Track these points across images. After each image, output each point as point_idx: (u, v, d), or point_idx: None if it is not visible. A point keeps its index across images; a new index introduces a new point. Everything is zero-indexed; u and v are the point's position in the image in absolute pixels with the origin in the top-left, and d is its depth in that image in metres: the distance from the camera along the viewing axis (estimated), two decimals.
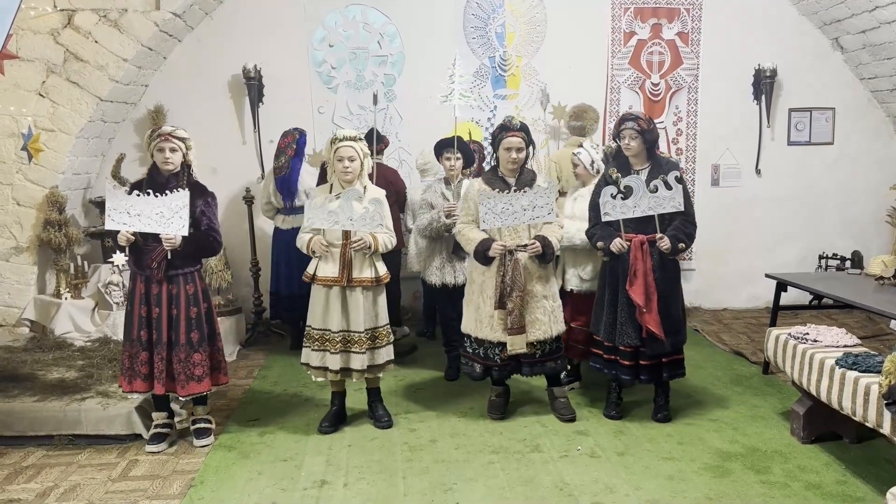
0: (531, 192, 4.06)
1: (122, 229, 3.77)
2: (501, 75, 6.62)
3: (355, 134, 4.10)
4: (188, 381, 3.89)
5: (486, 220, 4.08)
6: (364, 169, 4.09)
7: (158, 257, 3.81)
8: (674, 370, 4.22)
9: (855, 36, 6.32)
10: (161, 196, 3.77)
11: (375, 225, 3.92)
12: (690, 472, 3.63)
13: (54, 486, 3.60)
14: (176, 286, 3.89)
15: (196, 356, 3.91)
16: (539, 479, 3.57)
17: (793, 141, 6.88)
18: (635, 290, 4.00)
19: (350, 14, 6.44)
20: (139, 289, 3.88)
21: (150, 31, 5.61)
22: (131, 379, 3.90)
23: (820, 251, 6.59)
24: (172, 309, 3.88)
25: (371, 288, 4.08)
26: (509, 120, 4.24)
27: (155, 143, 3.85)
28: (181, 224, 3.77)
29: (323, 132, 6.44)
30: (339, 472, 3.70)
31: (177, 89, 6.30)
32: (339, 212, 3.89)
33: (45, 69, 5.51)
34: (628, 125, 4.09)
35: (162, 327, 3.86)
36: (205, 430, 4.06)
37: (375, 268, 4.08)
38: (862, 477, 3.52)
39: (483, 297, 4.22)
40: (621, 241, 4.03)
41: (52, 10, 5.43)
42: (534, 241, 4.10)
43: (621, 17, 6.61)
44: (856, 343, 3.92)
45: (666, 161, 4.24)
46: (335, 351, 4.04)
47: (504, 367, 4.23)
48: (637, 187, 3.99)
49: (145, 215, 3.75)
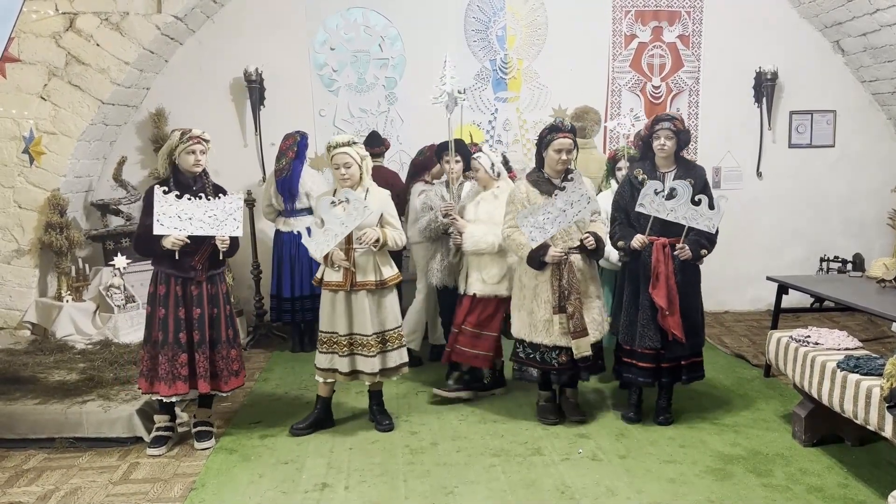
0: (562, 192, 4.01)
1: (173, 234, 3.78)
2: (502, 78, 6.63)
3: (349, 139, 4.09)
4: (230, 376, 4.01)
5: (535, 238, 4.00)
6: (364, 171, 4.09)
7: (202, 258, 3.88)
8: (693, 373, 4.20)
9: (856, 38, 6.32)
10: (212, 199, 3.86)
11: (362, 209, 3.86)
12: (692, 475, 3.62)
13: (55, 489, 3.60)
14: (214, 286, 3.98)
15: (233, 352, 4.05)
16: (540, 483, 3.56)
17: (794, 143, 6.88)
18: (658, 293, 3.98)
19: (351, 17, 6.45)
20: (175, 291, 3.88)
21: (152, 35, 5.62)
22: (172, 382, 3.87)
23: (821, 254, 6.58)
24: (213, 308, 3.96)
25: (375, 291, 4.07)
26: (560, 121, 4.17)
27: (187, 146, 3.87)
28: (235, 225, 3.89)
29: (324, 135, 6.44)
30: (341, 474, 3.70)
31: (178, 92, 6.31)
32: (330, 225, 3.90)
33: (46, 72, 5.52)
34: (664, 125, 4.02)
35: (205, 327, 3.92)
36: (206, 433, 4.07)
37: (380, 271, 4.08)
38: (864, 480, 3.51)
39: (537, 302, 4.15)
40: (643, 238, 4.00)
41: (53, 13, 5.44)
42: (587, 236, 4.07)
43: (622, 20, 6.62)
44: (857, 346, 3.92)
45: (693, 165, 4.18)
46: (343, 354, 4.06)
47: (562, 370, 4.17)
48: (682, 194, 3.93)
49: (197, 218, 3.82)
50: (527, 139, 6.68)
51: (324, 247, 3.94)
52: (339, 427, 4.30)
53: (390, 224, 4.13)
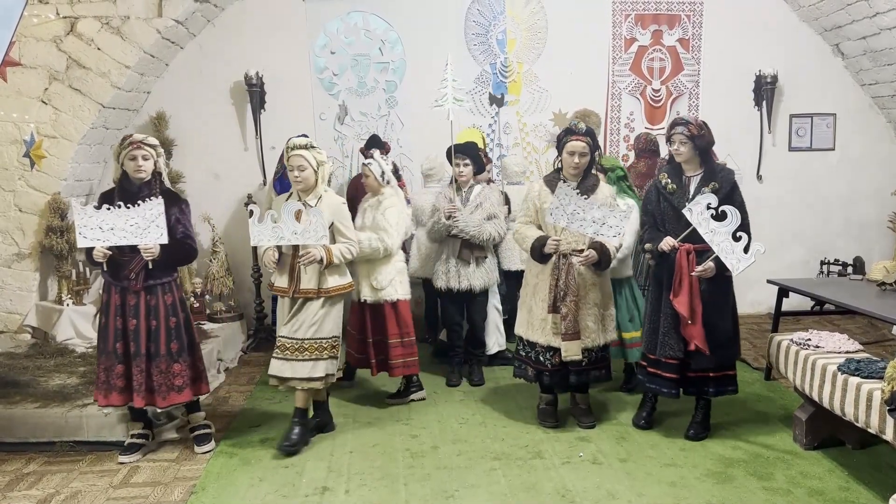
0: (607, 208, 3.94)
1: (96, 245, 3.68)
2: (503, 81, 6.63)
3: (307, 142, 3.99)
4: (169, 391, 3.84)
5: (554, 214, 3.95)
6: (320, 177, 4.00)
7: (137, 267, 3.75)
8: (721, 386, 4.01)
9: (855, 42, 6.33)
10: (133, 207, 3.68)
11: (319, 237, 3.80)
12: (693, 478, 3.62)
13: (55, 493, 3.59)
14: (154, 297, 3.82)
15: (176, 366, 3.86)
16: (541, 486, 3.56)
17: (794, 146, 6.88)
18: (679, 301, 3.86)
19: (352, 20, 6.46)
20: (115, 300, 3.81)
21: (153, 38, 5.63)
22: (107, 392, 3.81)
23: (822, 257, 6.59)
24: (151, 320, 3.81)
25: (315, 299, 3.95)
26: (575, 124, 4.15)
27: (126, 152, 3.76)
28: (159, 233, 3.70)
29: (325, 138, 6.47)
30: (341, 478, 3.70)
31: (179, 96, 6.32)
32: (282, 227, 3.80)
33: (47, 76, 5.52)
34: (678, 130, 3.94)
35: (140, 339, 3.79)
36: (205, 437, 4.06)
37: (325, 280, 3.95)
38: (865, 483, 3.51)
39: (535, 300, 4.16)
40: (673, 241, 3.89)
41: (54, 17, 5.45)
42: (589, 250, 4.02)
43: (622, 24, 6.63)
44: (858, 349, 3.92)
45: (721, 169, 4.03)
46: (280, 356, 3.96)
47: (554, 372, 4.16)
48: (732, 218, 3.74)
49: (119, 228, 3.67)
50: (527, 143, 6.69)
51: (265, 240, 3.86)
52: (339, 430, 4.30)
53: (342, 234, 4.02)
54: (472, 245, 4.86)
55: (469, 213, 4.82)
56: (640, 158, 5.96)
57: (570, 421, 4.35)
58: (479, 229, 4.78)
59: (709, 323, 3.88)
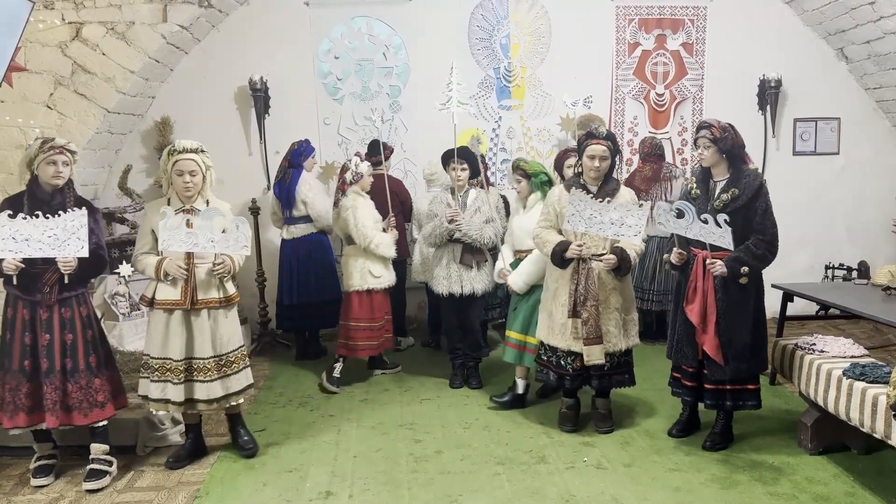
0: (623, 208, 3.92)
1: (8, 257, 3.41)
2: (506, 86, 6.64)
3: (197, 146, 3.77)
4: (91, 408, 3.65)
5: (572, 222, 3.96)
6: (207, 183, 3.80)
7: (51, 280, 3.54)
8: (739, 400, 3.91)
9: (860, 46, 6.32)
10: (53, 217, 3.45)
11: (241, 247, 3.66)
12: (697, 483, 3.61)
13: (60, 497, 3.60)
14: (69, 309, 3.62)
15: (97, 381, 3.68)
16: (545, 491, 3.55)
17: (798, 151, 6.87)
18: (692, 309, 3.82)
19: (356, 25, 6.48)
20: (22, 315, 3.56)
21: (157, 44, 5.65)
22: (13, 414, 3.56)
23: (826, 261, 6.57)
24: (67, 334, 3.60)
25: (218, 309, 3.78)
26: (595, 128, 4.15)
27: (46, 156, 3.55)
28: (79, 245, 3.48)
29: (329, 143, 6.48)
30: (345, 483, 3.69)
31: (183, 101, 6.34)
32: (198, 233, 3.59)
33: (52, 81, 5.55)
34: (701, 133, 3.87)
35: (54, 355, 3.56)
36: (100, 472, 3.70)
37: (224, 287, 3.80)
38: (870, 488, 3.49)
39: (556, 305, 4.15)
40: (681, 252, 3.86)
41: (60, 22, 5.48)
42: (610, 255, 4.00)
43: (626, 28, 6.63)
44: (863, 353, 3.91)
45: (746, 173, 3.85)
46: (178, 381, 3.69)
47: (576, 376, 4.15)
48: (688, 214, 3.73)
49: (35, 239, 3.41)
50: (531, 147, 6.69)
51: (178, 245, 3.59)
52: (343, 435, 4.30)
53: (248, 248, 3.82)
54: (472, 249, 4.87)
55: (469, 217, 4.83)
56: (646, 162, 5.96)
57: (588, 426, 4.32)
58: (481, 233, 4.79)
59: (725, 333, 3.80)
